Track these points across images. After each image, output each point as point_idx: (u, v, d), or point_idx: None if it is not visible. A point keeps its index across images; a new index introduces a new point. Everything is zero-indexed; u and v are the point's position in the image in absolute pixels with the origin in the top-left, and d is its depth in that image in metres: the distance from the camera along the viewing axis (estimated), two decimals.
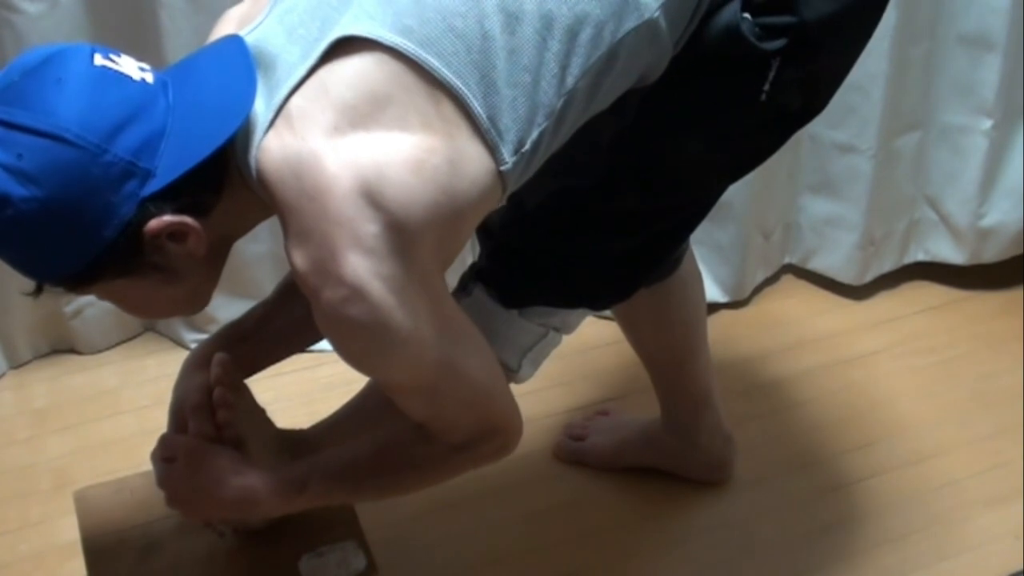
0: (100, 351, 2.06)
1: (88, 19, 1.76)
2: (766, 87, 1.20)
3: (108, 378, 2.00)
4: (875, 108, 2.05)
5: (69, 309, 2.00)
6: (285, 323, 1.35)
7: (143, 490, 1.28)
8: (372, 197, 1.01)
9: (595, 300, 1.36)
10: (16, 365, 2.02)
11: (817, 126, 2.10)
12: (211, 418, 1.26)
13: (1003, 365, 2.04)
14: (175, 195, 1.03)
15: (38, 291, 1.08)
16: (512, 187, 1.12)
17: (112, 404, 1.93)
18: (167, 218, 1.04)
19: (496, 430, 1.22)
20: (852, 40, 1.29)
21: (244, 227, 1.17)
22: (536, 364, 1.34)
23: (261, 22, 1.11)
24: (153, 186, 1.02)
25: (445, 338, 1.10)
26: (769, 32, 1.18)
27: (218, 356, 1.28)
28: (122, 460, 1.75)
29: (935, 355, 2.08)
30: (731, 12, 1.17)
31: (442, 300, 1.11)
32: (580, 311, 1.35)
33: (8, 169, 0.98)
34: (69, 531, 1.45)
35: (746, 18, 1.17)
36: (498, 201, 1.12)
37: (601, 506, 1.75)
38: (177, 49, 1.80)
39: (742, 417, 1.84)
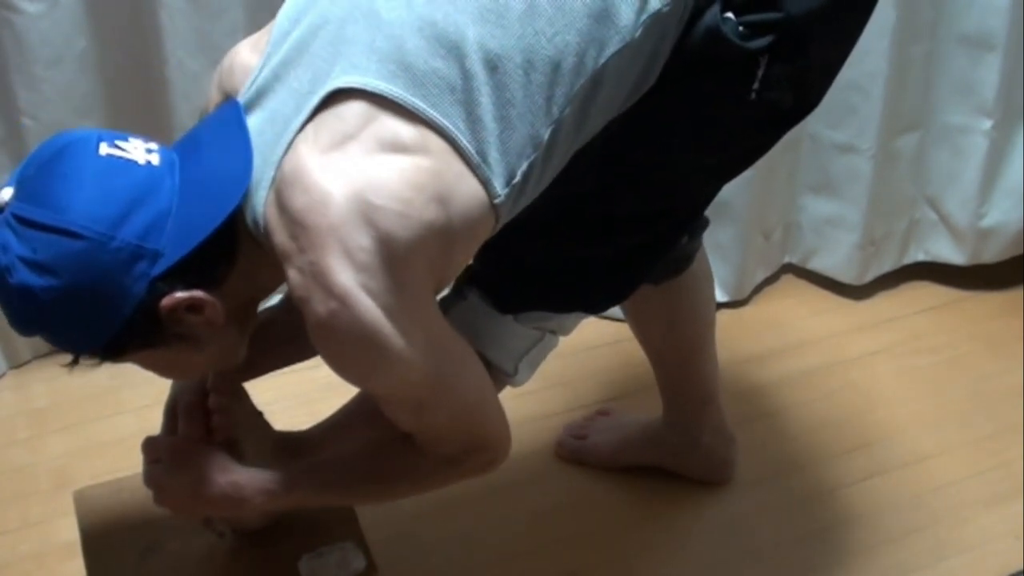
0: None
1: (88, 19, 1.76)
2: (755, 86, 1.19)
3: (108, 378, 1.99)
4: (875, 108, 2.05)
5: None
6: (287, 331, 1.35)
7: (143, 490, 1.28)
8: (365, 213, 1.03)
9: (590, 304, 1.36)
10: (16, 365, 2.02)
11: (817, 126, 2.10)
12: (203, 420, 1.28)
13: (1003, 365, 2.04)
14: (185, 271, 1.07)
15: (74, 362, 1.13)
16: (506, 218, 1.14)
17: (112, 404, 1.93)
18: (179, 294, 1.08)
19: (485, 446, 1.23)
20: (842, 33, 1.27)
21: (264, 288, 1.20)
22: (533, 367, 1.35)
23: (257, 76, 1.14)
24: (162, 265, 1.06)
25: (435, 357, 1.12)
26: (754, 30, 1.17)
27: None
28: (122, 460, 1.74)
29: (935, 355, 2.09)
30: (712, 14, 1.17)
31: (433, 321, 1.13)
32: (576, 314, 1.35)
33: (26, 262, 1.04)
34: (69, 531, 1.45)
35: (729, 18, 1.17)
36: (491, 231, 1.14)
37: (601, 506, 1.75)
38: (177, 49, 1.80)
39: (742, 417, 1.84)
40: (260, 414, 1.35)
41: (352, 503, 1.40)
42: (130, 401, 1.92)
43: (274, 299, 1.40)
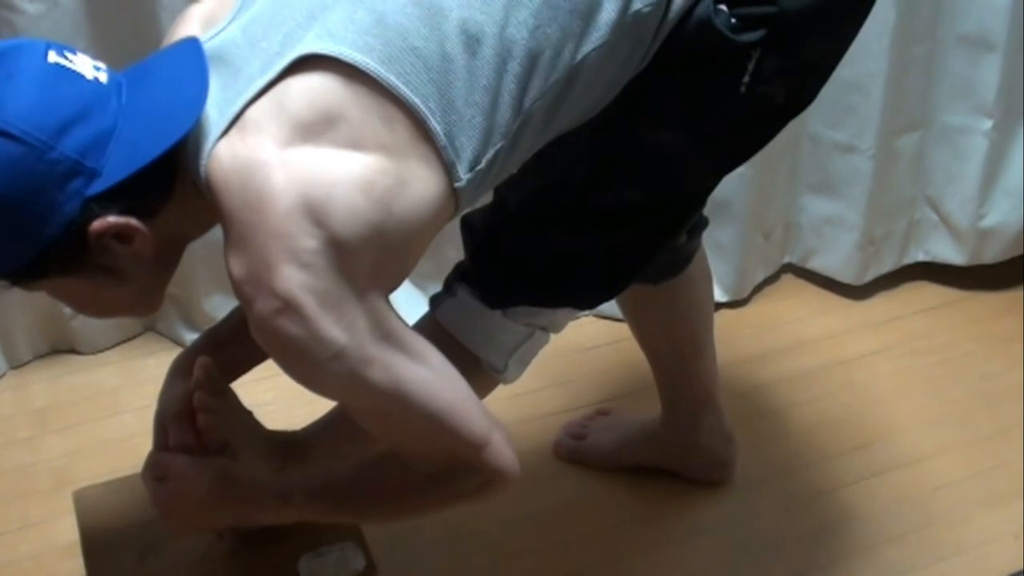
0: (100, 351, 2.06)
1: (88, 19, 1.76)
2: (745, 79, 1.18)
3: (108, 378, 2.00)
4: (875, 108, 2.05)
5: (69, 309, 2.00)
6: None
7: (143, 490, 1.28)
8: (315, 214, 1.01)
9: (580, 300, 1.34)
10: (16, 365, 2.02)
11: (817, 126, 2.10)
12: (192, 426, 1.27)
13: (1003, 365, 2.05)
14: (121, 196, 1.03)
15: None
16: (465, 205, 1.12)
17: (112, 404, 1.93)
18: (111, 219, 1.04)
19: (471, 466, 1.16)
20: (838, 30, 1.26)
21: (196, 230, 1.16)
22: (523, 364, 1.33)
23: (224, 28, 1.11)
24: (98, 186, 1.02)
25: (390, 357, 1.08)
26: (747, 23, 1.16)
27: (200, 359, 1.29)
28: (122, 460, 1.74)
29: (935, 355, 2.09)
30: (704, 5, 1.16)
31: (385, 320, 1.09)
32: (566, 310, 1.34)
33: None
34: (69, 531, 1.45)
35: (721, 10, 1.16)
36: (449, 219, 1.12)
37: (601, 506, 1.75)
38: None
39: (741, 416, 1.84)
40: (249, 413, 1.34)
41: (349, 520, 1.38)
42: (130, 401, 1.93)
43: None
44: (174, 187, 1.08)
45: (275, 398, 1.43)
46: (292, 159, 1.02)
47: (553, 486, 1.78)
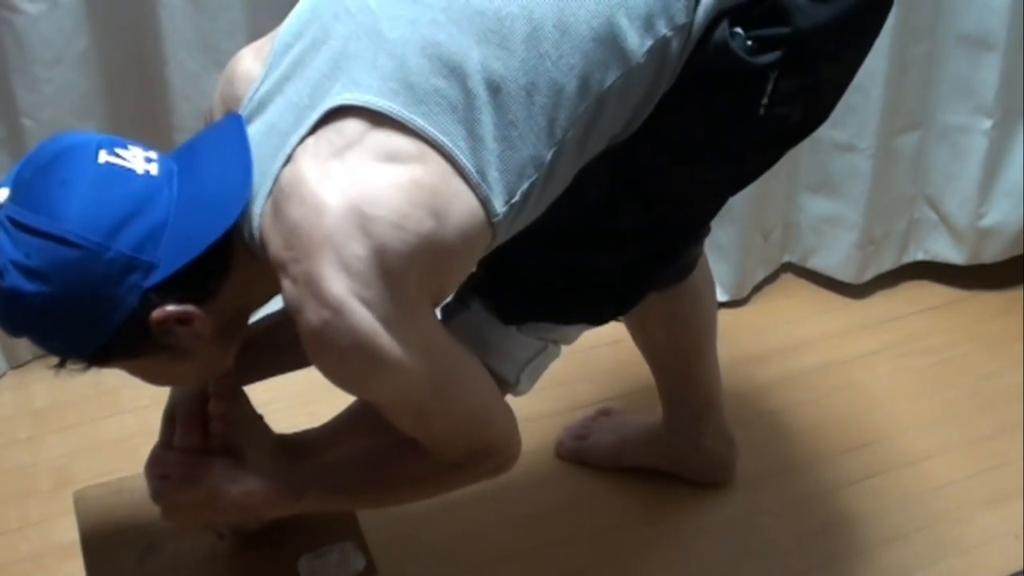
0: None
1: (88, 19, 1.76)
2: (764, 101, 1.18)
3: (108, 378, 1.98)
4: (875, 107, 2.05)
5: None
6: (291, 337, 1.36)
7: (143, 490, 1.28)
8: (360, 223, 1.03)
9: (594, 316, 1.35)
10: (16, 365, 2.02)
11: None
12: (200, 429, 1.28)
13: (1003, 365, 2.05)
14: (178, 284, 1.07)
15: (61, 365, 1.14)
16: (503, 236, 1.14)
17: (112, 404, 1.93)
18: (170, 308, 1.07)
19: (491, 451, 1.24)
20: (852, 47, 1.26)
21: (257, 300, 1.20)
22: (535, 377, 1.34)
23: (259, 87, 1.14)
24: (155, 278, 1.06)
25: (433, 366, 1.12)
26: (763, 45, 1.16)
27: None
28: (122, 460, 1.75)
29: (935, 355, 2.09)
30: (721, 29, 1.16)
31: (429, 330, 1.13)
32: (580, 326, 1.35)
33: (18, 266, 1.03)
34: (69, 531, 1.45)
35: (738, 33, 1.16)
36: (488, 248, 1.14)
37: (601, 506, 1.75)
38: (177, 49, 1.80)
39: (741, 417, 1.85)
40: (260, 418, 1.34)
41: (360, 508, 1.40)
42: (130, 401, 1.92)
43: (274, 306, 1.40)
44: (231, 265, 1.11)
45: (275, 399, 1.43)
46: (334, 170, 1.05)
47: (553, 486, 1.78)
